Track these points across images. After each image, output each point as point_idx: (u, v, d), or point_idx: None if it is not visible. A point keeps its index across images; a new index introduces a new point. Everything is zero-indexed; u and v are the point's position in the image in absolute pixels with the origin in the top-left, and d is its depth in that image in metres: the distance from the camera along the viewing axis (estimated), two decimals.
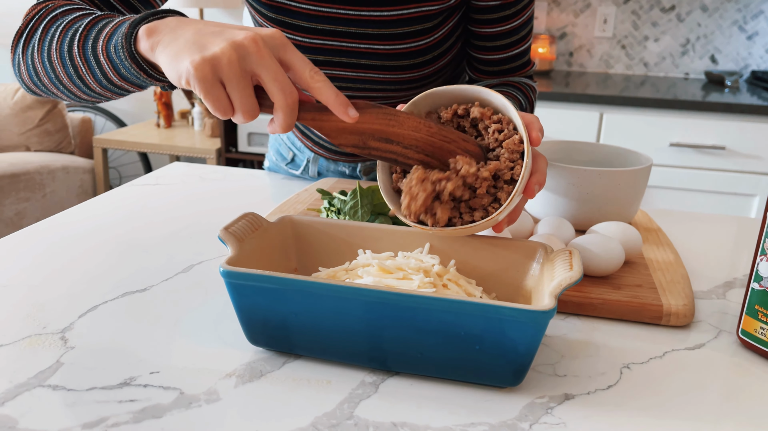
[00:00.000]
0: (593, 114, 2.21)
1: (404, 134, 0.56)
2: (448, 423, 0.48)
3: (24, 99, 2.57)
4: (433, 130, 0.57)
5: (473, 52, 0.89)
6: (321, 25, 0.82)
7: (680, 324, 0.63)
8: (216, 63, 0.49)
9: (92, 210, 0.90)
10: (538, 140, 0.56)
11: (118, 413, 0.47)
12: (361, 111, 0.54)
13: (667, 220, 0.94)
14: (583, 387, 0.53)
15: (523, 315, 0.47)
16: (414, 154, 0.57)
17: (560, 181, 0.78)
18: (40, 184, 2.45)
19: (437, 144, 0.57)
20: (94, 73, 0.61)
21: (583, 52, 2.77)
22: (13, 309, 0.62)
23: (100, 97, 0.66)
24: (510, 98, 0.83)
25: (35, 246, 0.77)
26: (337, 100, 0.51)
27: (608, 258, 0.66)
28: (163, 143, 2.66)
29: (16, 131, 2.58)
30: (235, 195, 0.99)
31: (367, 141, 0.55)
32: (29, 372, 0.52)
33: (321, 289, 0.50)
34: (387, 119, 0.55)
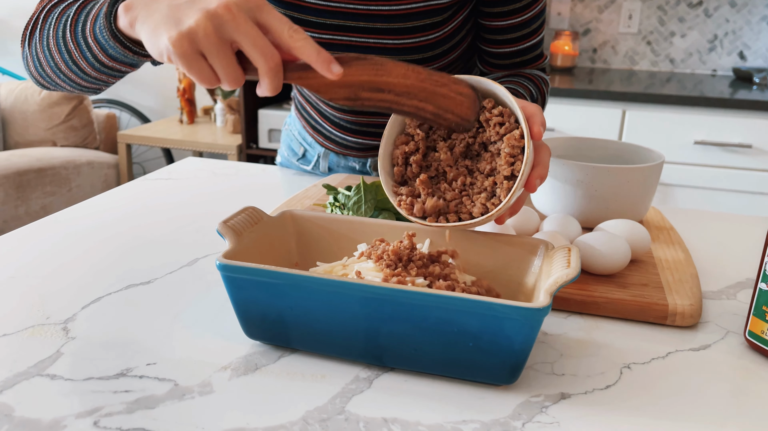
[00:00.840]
0: (615, 111, 2.18)
1: (394, 82, 0.55)
2: (439, 419, 0.47)
3: (50, 95, 2.62)
4: (422, 75, 0.56)
5: (483, 45, 0.88)
6: (330, 20, 0.82)
7: (686, 325, 0.62)
8: (193, 36, 0.49)
9: (105, 203, 0.92)
10: (539, 134, 0.56)
11: (112, 403, 0.48)
12: (346, 64, 0.53)
13: (680, 219, 0.92)
14: (581, 387, 0.52)
15: (516, 312, 0.47)
16: (407, 101, 0.56)
17: (568, 178, 0.77)
18: (65, 179, 2.50)
19: (429, 89, 0.56)
20: (86, 57, 0.63)
21: (607, 48, 2.73)
22: (19, 299, 0.63)
23: (98, 82, 0.67)
24: (521, 89, 0.82)
25: (45, 239, 0.78)
26: (319, 57, 0.51)
27: (613, 257, 0.65)
28: (185, 139, 2.69)
29: (42, 127, 2.64)
30: (246, 190, 1.00)
31: (358, 92, 0.54)
32: (29, 362, 0.53)
33: (315, 284, 0.50)
34: (374, 69, 0.54)
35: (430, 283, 0.54)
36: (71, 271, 0.69)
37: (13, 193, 2.32)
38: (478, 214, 0.57)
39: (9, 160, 2.36)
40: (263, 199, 0.95)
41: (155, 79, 3.20)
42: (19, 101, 2.64)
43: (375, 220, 0.64)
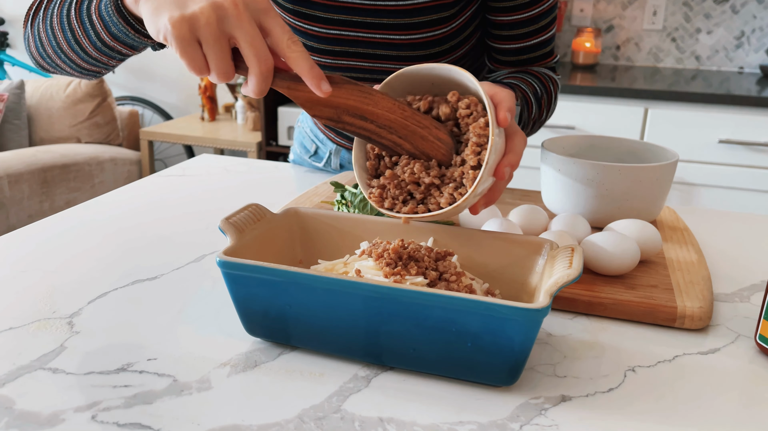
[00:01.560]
0: (637, 109, 2.14)
1: (379, 113, 0.55)
2: (435, 420, 0.47)
3: (75, 92, 2.66)
4: (407, 113, 0.56)
5: (491, 41, 0.87)
6: (337, 15, 0.82)
7: (695, 328, 0.60)
8: (194, 22, 0.49)
9: (118, 199, 0.93)
10: (505, 121, 0.55)
11: (111, 398, 0.48)
12: (336, 86, 0.54)
13: (696, 219, 0.90)
14: (582, 389, 0.51)
15: (515, 312, 0.46)
16: (387, 134, 0.56)
17: (578, 176, 0.76)
18: (89, 175, 2.53)
19: (410, 128, 0.56)
20: (89, 35, 0.64)
21: (630, 45, 2.69)
22: (27, 293, 0.64)
23: (98, 64, 0.68)
24: (524, 84, 0.81)
25: (57, 234, 0.79)
26: (311, 72, 0.51)
27: (622, 257, 0.64)
28: (206, 136, 2.71)
29: (67, 123, 2.68)
30: (258, 187, 1.00)
31: (341, 115, 0.55)
32: (32, 355, 0.53)
33: (313, 282, 0.50)
34: (362, 97, 0.55)
35: (431, 282, 0.53)
36: (80, 266, 0.70)
37: (38, 189, 2.37)
38: (445, 205, 0.57)
39: (35, 156, 2.40)
40: (274, 196, 0.95)
41: (178, 76, 3.23)
42: (44, 98, 2.68)
43: (379, 218, 0.63)
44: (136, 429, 0.45)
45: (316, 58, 0.88)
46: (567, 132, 2.22)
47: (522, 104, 0.79)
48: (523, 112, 0.79)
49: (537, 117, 0.85)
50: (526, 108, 0.80)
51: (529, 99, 0.80)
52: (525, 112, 0.80)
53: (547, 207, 0.83)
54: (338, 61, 0.87)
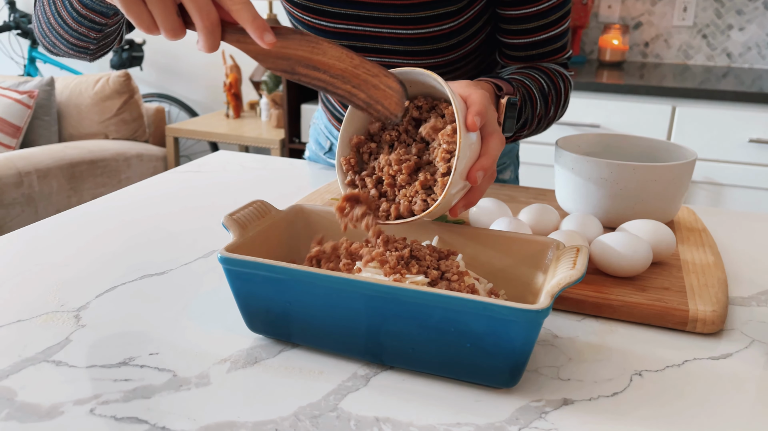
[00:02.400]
0: (665, 108, 2.10)
1: (329, 63, 0.55)
2: (432, 421, 0.46)
3: (103, 89, 2.70)
4: (356, 62, 0.56)
5: (501, 36, 0.86)
6: (344, 10, 0.82)
7: (707, 332, 0.59)
8: None
9: (133, 194, 0.94)
10: (473, 125, 0.54)
11: (111, 391, 0.49)
12: (282, 36, 0.54)
13: (717, 219, 0.87)
14: (586, 393, 0.50)
15: (514, 313, 0.45)
16: (341, 84, 0.56)
17: (592, 175, 0.74)
18: (116, 170, 2.57)
19: (362, 76, 0.56)
20: (66, 7, 0.66)
21: (659, 42, 2.63)
22: (38, 286, 0.65)
23: (82, 37, 0.71)
24: (529, 80, 0.79)
25: (70, 228, 0.80)
26: (254, 23, 0.51)
27: (633, 259, 0.62)
28: (230, 133, 2.73)
29: (95, 120, 2.73)
30: (272, 183, 1.00)
31: (294, 67, 0.55)
32: (38, 348, 0.54)
33: (314, 279, 0.50)
34: (310, 46, 0.55)
35: (432, 281, 0.53)
36: (90, 260, 0.71)
37: (66, 184, 2.41)
38: (419, 211, 0.56)
39: (63, 152, 2.45)
40: (287, 193, 0.95)
41: (203, 73, 3.27)
42: (74, 95, 2.73)
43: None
44: (133, 423, 0.45)
45: None
46: (591, 130, 2.18)
47: (525, 101, 0.77)
48: (525, 108, 0.78)
49: (543, 114, 0.83)
50: (530, 104, 0.78)
51: (533, 95, 0.79)
52: (529, 109, 0.78)
53: (561, 206, 0.82)
54: None
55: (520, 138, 0.84)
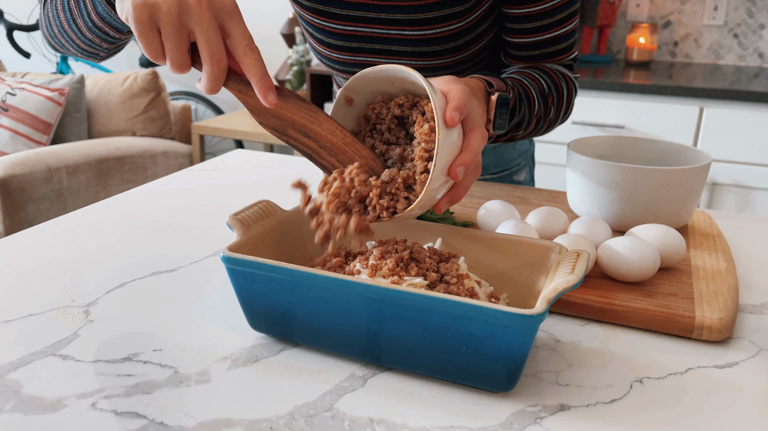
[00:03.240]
0: (692, 109, 2.06)
1: (321, 134, 0.57)
2: (426, 423, 0.46)
3: (131, 87, 2.75)
4: (347, 140, 0.57)
5: (505, 35, 0.85)
6: (352, 12, 0.82)
7: (714, 340, 0.58)
8: (155, 9, 0.50)
9: (149, 191, 0.95)
10: (451, 120, 0.53)
11: (113, 386, 0.50)
12: (284, 99, 0.55)
13: (734, 224, 0.86)
14: (584, 399, 0.50)
15: (509, 318, 0.45)
16: (327, 156, 0.58)
17: (602, 179, 0.73)
18: (142, 167, 2.62)
19: (349, 155, 0.57)
20: (82, 14, 0.67)
21: (689, 41, 2.58)
22: (52, 281, 0.67)
23: (93, 45, 0.72)
24: (529, 80, 0.79)
25: (85, 224, 0.82)
26: (261, 81, 0.52)
27: (639, 264, 0.61)
28: (255, 131, 2.76)
29: (123, 117, 2.77)
30: (286, 183, 1.01)
31: (286, 128, 0.56)
32: (46, 342, 0.56)
33: (312, 280, 0.50)
34: (308, 114, 0.56)
35: (431, 284, 0.53)
36: (104, 256, 0.73)
37: (94, 180, 2.46)
38: (401, 209, 0.55)
39: (92, 148, 2.50)
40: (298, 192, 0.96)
41: None
42: (103, 93, 2.79)
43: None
44: (132, 418, 0.46)
45: (335, 54, 0.89)
46: (616, 131, 2.16)
47: (520, 99, 0.76)
48: (521, 107, 0.77)
49: (543, 115, 0.82)
50: (527, 104, 0.78)
51: (531, 95, 0.78)
52: (525, 108, 0.78)
53: (573, 209, 0.81)
54: (355, 57, 0.88)
55: (516, 138, 0.84)
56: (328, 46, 0.89)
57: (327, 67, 0.94)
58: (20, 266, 0.70)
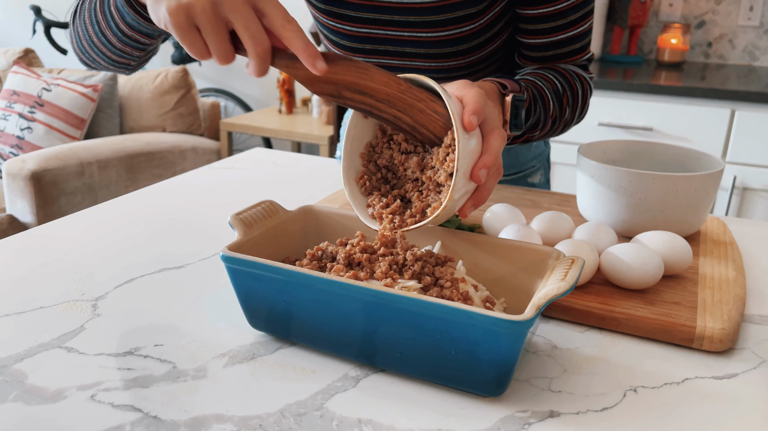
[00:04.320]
0: (723, 111, 2.02)
1: (376, 88, 0.56)
2: (413, 425, 0.47)
3: (162, 84, 2.80)
4: (402, 87, 0.57)
5: (519, 36, 0.85)
6: (366, 14, 0.83)
7: (715, 350, 0.57)
8: (190, 9, 0.51)
9: (166, 188, 0.98)
10: (470, 124, 0.53)
11: (113, 379, 0.51)
12: (332, 62, 0.55)
13: (752, 232, 0.84)
14: (574, 406, 0.50)
15: (497, 324, 0.45)
16: (386, 108, 0.57)
17: (611, 184, 0.73)
18: (171, 163, 2.67)
19: (408, 101, 0.57)
20: (111, 26, 0.68)
21: (723, 42, 2.53)
22: (64, 274, 0.69)
23: (124, 55, 0.73)
24: (543, 81, 0.78)
25: (102, 219, 0.85)
26: (306, 51, 0.52)
27: (642, 271, 0.61)
28: (282, 128, 2.79)
29: (154, 113, 2.83)
30: (301, 182, 1.02)
31: (341, 91, 0.56)
32: (54, 334, 0.58)
33: (306, 280, 0.51)
34: (359, 72, 0.55)
35: (425, 287, 0.53)
36: (115, 251, 0.75)
37: (125, 174, 2.51)
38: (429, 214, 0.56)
39: (123, 144, 2.55)
40: (312, 191, 0.97)
41: None
42: (135, 89, 2.84)
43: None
44: (128, 411, 0.48)
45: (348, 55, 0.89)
46: (645, 134, 2.12)
47: (535, 100, 0.76)
48: (536, 107, 0.76)
49: (558, 115, 0.81)
50: (542, 104, 0.77)
51: (545, 95, 0.78)
52: (541, 109, 0.77)
53: (582, 214, 0.80)
54: (369, 59, 0.88)
55: (532, 139, 0.83)
56: (341, 48, 0.90)
57: None
58: (36, 259, 0.72)
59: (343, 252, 0.55)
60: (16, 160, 2.26)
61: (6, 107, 2.65)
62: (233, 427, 0.46)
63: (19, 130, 2.61)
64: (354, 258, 0.55)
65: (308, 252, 0.58)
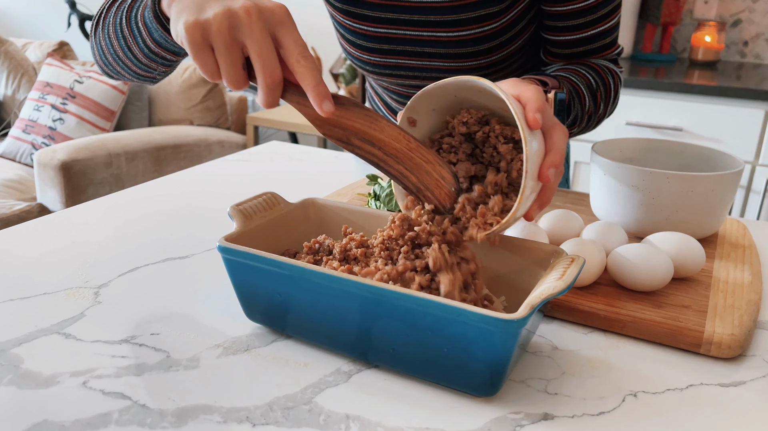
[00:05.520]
0: (757, 112, 1.96)
1: (385, 141, 0.54)
2: (401, 423, 0.46)
3: (190, 78, 2.83)
4: (412, 145, 0.55)
5: (545, 33, 0.83)
6: (384, 14, 0.81)
7: (724, 356, 0.55)
8: (206, 28, 0.50)
9: (180, 180, 0.98)
10: (535, 122, 0.51)
11: (106, 367, 0.51)
12: (342, 107, 0.53)
13: None
14: (570, 410, 0.48)
15: (488, 322, 0.44)
16: (394, 164, 0.55)
17: (624, 182, 0.71)
18: (198, 155, 2.69)
19: (416, 160, 0.55)
20: (137, 41, 0.66)
21: (760, 41, 2.45)
22: (70, 262, 0.69)
23: (150, 69, 0.71)
24: (576, 76, 0.76)
25: (113, 207, 0.85)
26: (315, 90, 0.50)
27: (650, 272, 0.59)
28: (308, 124, 2.79)
29: (182, 106, 2.86)
30: (313, 175, 1.02)
31: (350, 138, 0.54)
32: (53, 320, 0.58)
33: (300, 273, 0.51)
34: (368, 121, 0.53)
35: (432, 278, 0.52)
36: (122, 240, 0.75)
37: (151, 166, 2.55)
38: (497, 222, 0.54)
39: (150, 136, 2.59)
40: (322, 185, 0.96)
41: None
42: (164, 83, 2.88)
43: (391, 214, 0.63)
44: (117, 398, 0.48)
45: (365, 56, 0.88)
46: (675, 135, 2.07)
47: (572, 96, 0.74)
48: (574, 104, 0.74)
49: (593, 110, 0.79)
50: (579, 101, 0.75)
51: (581, 91, 0.76)
52: (578, 105, 0.75)
53: (594, 213, 0.78)
54: (387, 59, 0.87)
55: (570, 136, 0.81)
56: (359, 48, 0.88)
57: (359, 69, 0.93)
58: (45, 246, 0.73)
59: (338, 246, 0.54)
60: (47, 150, 2.30)
61: (39, 98, 2.71)
62: (219, 419, 0.46)
63: (52, 121, 2.67)
64: (350, 253, 0.54)
65: (305, 245, 0.57)
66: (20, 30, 4.02)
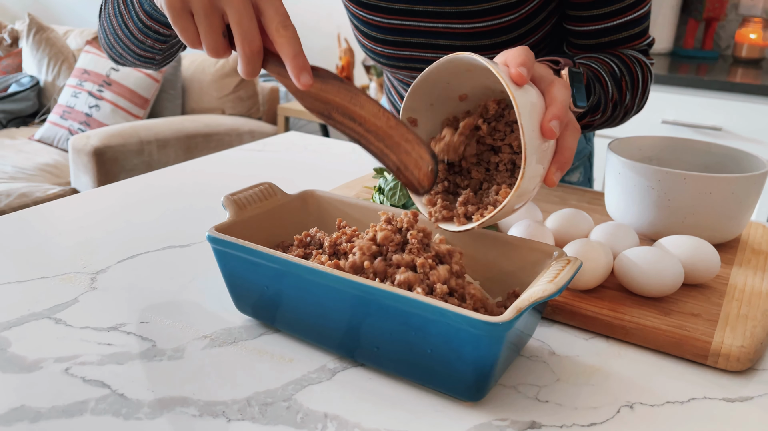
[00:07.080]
0: None
1: (365, 117, 0.53)
2: (380, 425, 0.44)
3: (223, 67, 2.85)
4: (391, 123, 0.53)
5: (568, 24, 0.79)
6: (398, 5, 0.79)
7: (732, 369, 0.51)
8: None
9: (191, 168, 0.98)
10: (519, 76, 0.48)
11: (90, 354, 0.51)
12: (321, 80, 0.51)
13: None
14: (560, 419, 0.46)
15: (472, 324, 0.42)
16: (374, 140, 0.53)
17: (638, 183, 0.67)
18: (228, 145, 2.71)
19: (395, 138, 0.53)
20: (132, 17, 0.66)
21: None
22: (71, 246, 0.70)
23: (147, 48, 0.71)
24: (598, 63, 0.72)
25: (123, 195, 0.86)
26: (294, 60, 0.48)
27: (658, 278, 0.56)
28: None
29: (215, 95, 2.89)
30: (327, 167, 1.01)
31: (331, 112, 0.53)
32: (46, 305, 0.58)
33: (286, 266, 0.49)
34: (349, 96, 0.52)
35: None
36: (128, 227, 0.75)
37: (182, 154, 2.58)
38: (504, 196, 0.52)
39: (182, 124, 2.62)
40: (333, 177, 0.95)
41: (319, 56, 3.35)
42: (198, 71, 2.91)
43: (391, 208, 0.61)
44: (96, 386, 0.47)
45: (380, 48, 0.86)
46: (714, 135, 2.00)
47: (591, 80, 0.70)
48: (594, 87, 0.71)
49: (618, 100, 0.75)
50: (600, 86, 0.72)
51: (602, 77, 0.72)
52: (600, 90, 0.72)
53: (609, 213, 0.75)
54: (401, 51, 0.85)
55: (594, 125, 0.78)
56: (373, 39, 0.86)
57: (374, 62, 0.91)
58: (50, 230, 0.74)
59: (329, 240, 0.53)
60: (81, 136, 2.35)
61: (77, 85, 2.76)
62: (195, 412, 0.45)
63: (88, 108, 2.72)
64: (339, 248, 0.52)
65: (296, 238, 0.56)
66: (62, 17, 4.11)
